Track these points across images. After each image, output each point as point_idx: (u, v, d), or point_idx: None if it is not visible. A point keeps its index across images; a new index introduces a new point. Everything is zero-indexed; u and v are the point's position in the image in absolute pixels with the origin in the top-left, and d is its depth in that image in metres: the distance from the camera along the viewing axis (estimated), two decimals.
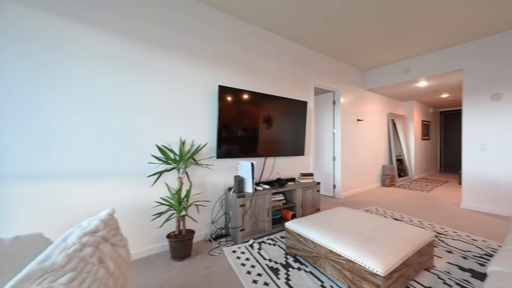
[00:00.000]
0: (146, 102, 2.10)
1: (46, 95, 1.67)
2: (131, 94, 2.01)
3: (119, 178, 1.96)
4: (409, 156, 6.01)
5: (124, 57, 1.97)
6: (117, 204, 1.95)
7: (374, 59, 4.09)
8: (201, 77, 2.43)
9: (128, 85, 2.00)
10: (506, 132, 3.15)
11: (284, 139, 3.05)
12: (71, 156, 1.76)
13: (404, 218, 3.08)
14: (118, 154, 1.95)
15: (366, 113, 4.85)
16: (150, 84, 2.12)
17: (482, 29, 3.02)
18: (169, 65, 2.22)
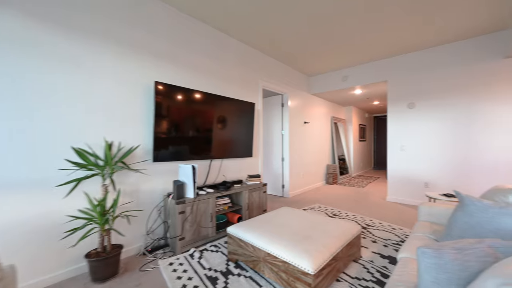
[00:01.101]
0: (64, 97, 1.74)
1: None
2: (38, 86, 1.64)
3: (17, 189, 1.57)
4: (349, 155, 6.69)
5: (24, 39, 1.59)
6: (14, 222, 1.56)
7: (318, 66, 4.39)
8: (136, 72, 2.16)
9: (29, 75, 1.62)
10: (419, 135, 3.76)
11: (231, 140, 2.98)
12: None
13: (342, 213, 3.37)
14: (15, 158, 1.56)
15: (312, 116, 5.18)
16: (69, 75, 1.77)
17: (403, 47, 3.54)
18: (96, 56, 1.90)
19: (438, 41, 3.35)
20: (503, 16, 2.71)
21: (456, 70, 3.41)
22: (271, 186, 4.57)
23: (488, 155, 3.21)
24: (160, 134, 2.23)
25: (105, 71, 1.97)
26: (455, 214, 1.60)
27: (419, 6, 2.51)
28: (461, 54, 3.35)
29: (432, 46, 3.52)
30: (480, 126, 3.26)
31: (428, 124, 3.66)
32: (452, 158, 3.48)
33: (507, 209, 1.37)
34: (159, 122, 2.22)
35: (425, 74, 3.66)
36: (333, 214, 3.30)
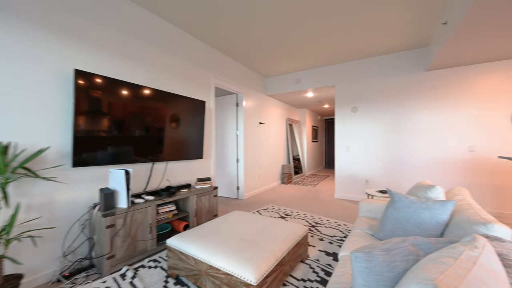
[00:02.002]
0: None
1: None
2: None
3: None
4: (303, 156, 7.00)
5: None
6: None
7: (273, 68, 4.43)
8: (52, 58, 1.75)
9: None
10: (361, 137, 4.11)
11: (178, 141, 2.72)
12: None
13: (293, 212, 3.43)
14: None
15: (268, 117, 5.22)
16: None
17: (348, 55, 3.81)
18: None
19: (375, 52, 3.71)
20: (423, 36, 3.14)
21: (389, 79, 3.83)
22: (225, 189, 4.41)
23: (415, 155, 3.69)
24: (82, 133, 1.86)
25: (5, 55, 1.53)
26: (387, 210, 1.72)
27: (359, 22, 2.71)
28: (393, 65, 3.78)
29: (370, 56, 3.88)
30: (408, 130, 3.73)
31: (369, 127, 4.04)
32: (387, 158, 3.90)
33: (426, 204, 1.51)
34: (81, 119, 1.84)
35: (366, 81, 4.03)
36: (285, 214, 3.34)
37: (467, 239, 0.81)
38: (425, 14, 2.65)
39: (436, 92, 3.52)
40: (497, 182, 3.20)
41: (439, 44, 2.78)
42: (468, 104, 3.34)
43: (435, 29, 2.98)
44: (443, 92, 3.48)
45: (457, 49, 2.77)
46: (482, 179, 3.28)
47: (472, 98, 3.31)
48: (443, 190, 1.65)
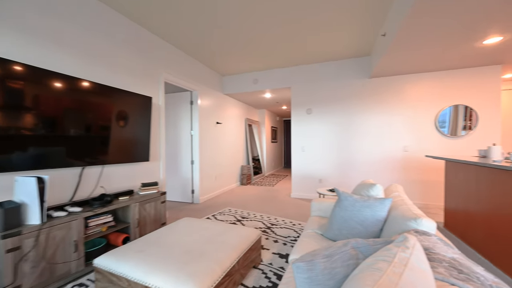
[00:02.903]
0: None
1: None
2: None
3: None
4: (262, 156, 7.05)
5: None
6: None
7: (231, 67, 4.30)
8: None
9: None
10: (315, 138, 4.30)
11: (119, 141, 2.37)
12: None
13: (250, 214, 3.36)
14: None
15: (226, 117, 5.07)
16: None
17: (303, 58, 3.93)
18: None
19: (327, 58, 3.92)
20: (366, 46, 3.43)
21: (340, 84, 4.09)
22: (179, 193, 4.10)
23: (363, 154, 4.02)
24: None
25: None
26: (334, 210, 1.77)
27: (312, 30, 2.79)
28: (343, 70, 4.06)
29: (323, 61, 4.09)
30: (356, 131, 4.04)
31: (322, 128, 4.25)
32: (339, 157, 4.16)
33: (368, 202, 1.59)
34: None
35: (319, 84, 4.23)
36: (242, 217, 3.24)
37: (400, 239, 0.82)
38: (369, 26, 2.88)
39: (378, 98, 3.89)
40: (425, 178, 3.69)
41: (379, 54, 3.06)
42: (402, 109, 3.78)
43: (376, 40, 3.28)
44: (383, 98, 3.86)
45: (393, 60, 3.09)
46: (413, 175, 3.75)
47: (406, 104, 3.76)
48: (382, 188, 1.76)
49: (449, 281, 0.81)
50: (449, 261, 0.97)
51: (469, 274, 0.90)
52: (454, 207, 2.64)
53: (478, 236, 2.20)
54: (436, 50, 2.78)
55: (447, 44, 2.62)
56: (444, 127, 3.58)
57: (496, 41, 2.55)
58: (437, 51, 2.83)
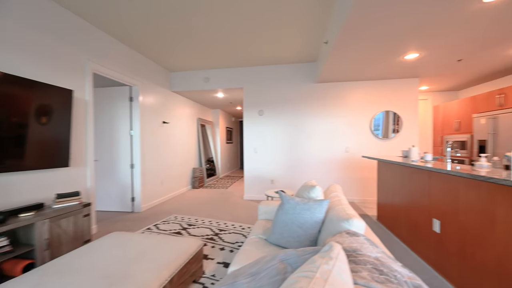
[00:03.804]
0: None
1: None
2: None
3: None
4: (216, 157, 6.83)
5: None
6: None
7: (179, 62, 3.99)
8: None
9: None
10: (267, 139, 4.33)
11: (20, 144, 1.88)
12: None
13: (198, 221, 3.14)
14: None
15: (175, 116, 4.70)
16: None
17: (255, 59, 3.89)
18: None
19: (278, 61, 3.99)
20: (313, 52, 3.61)
21: (290, 87, 4.22)
22: (115, 201, 3.58)
23: (311, 155, 4.21)
24: None
25: None
26: (277, 213, 1.74)
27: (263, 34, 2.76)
28: (293, 74, 4.19)
29: (274, 64, 4.15)
30: (305, 133, 4.21)
31: (274, 129, 4.30)
32: (290, 158, 4.27)
33: (308, 204, 1.60)
34: None
35: (271, 86, 4.27)
36: (188, 225, 3.00)
37: (326, 248, 0.79)
38: (314, 34, 3.00)
39: (323, 102, 4.14)
40: (363, 176, 4.08)
41: (323, 61, 3.24)
42: (345, 114, 4.10)
43: (321, 48, 3.47)
44: (328, 102, 4.13)
45: (334, 67, 3.31)
46: (354, 174, 4.11)
47: (347, 109, 4.09)
48: (321, 190, 1.81)
49: (370, 286, 0.81)
50: (373, 262, 0.99)
51: (388, 274, 0.92)
52: (384, 201, 2.95)
53: (401, 226, 2.49)
54: (368, 61, 3.08)
55: (377, 56, 2.92)
56: (378, 130, 4.03)
57: (414, 57, 2.95)
58: (369, 62, 3.14)
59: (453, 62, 3.18)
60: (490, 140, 3.47)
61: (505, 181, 1.18)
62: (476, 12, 1.96)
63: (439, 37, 2.41)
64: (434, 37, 2.42)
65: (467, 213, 1.57)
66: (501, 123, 3.30)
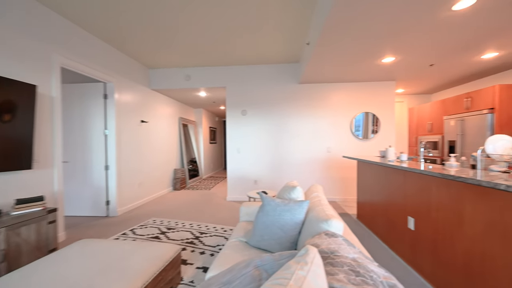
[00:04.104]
0: None
1: None
2: None
3: None
4: (199, 158, 6.68)
5: None
6: None
7: (159, 59, 3.83)
8: None
9: None
10: (250, 139, 4.29)
11: None
12: None
13: (178, 224, 3.03)
14: None
15: (155, 115, 4.51)
16: None
17: (239, 59, 3.84)
18: None
19: (261, 61, 3.97)
20: (296, 53, 3.63)
21: (273, 87, 4.21)
22: (89, 205, 3.36)
23: (294, 155, 4.23)
24: None
25: None
26: (258, 215, 1.70)
27: (244, 35, 2.72)
28: (276, 74, 4.19)
29: (258, 63, 4.12)
30: (289, 133, 4.23)
31: (257, 129, 4.27)
32: (273, 158, 4.26)
33: (288, 205, 1.59)
34: None
35: (254, 86, 4.24)
36: (168, 229, 2.88)
37: (302, 252, 0.77)
38: (296, 35, 3.01)
39: (306, 102, 4.19)
40: (344, 176, 4.18)
41: (306, 62, 3.27)
42: (327, 114, 4.18)
43: (303, 48, 3.50)
44: (311, 103, 4.18)
45: (316, 68, 3.35)
46: (335, 174, 4.19)
47: (329, 110, 4.17)
48: (302, 190, 1.80)
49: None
50: (350, 263, 0.98)
51: (364, 275, 0.92)
52: (363, 200, 3.03)
53: (379, 224, 2.57)
54: (348, 63, 3.16)
55: (356, 58, 3.00)
56: (359, 131, 4.15)
57: (390, 61, 3.07)
58: (349, 64, 3.21)
59: (425, 67, 3.35)
60: (459, 141, 3.71)
61: (472, 180, 1.24)
62: (446, 19, 2.07)
63: (412, 42, 2.52)
64: (408, 42, 2.52)
65: (439, 210, 1.64)
66: (468, 124, 3.53)
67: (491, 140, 1.66)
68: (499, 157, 1.56)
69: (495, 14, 1.98)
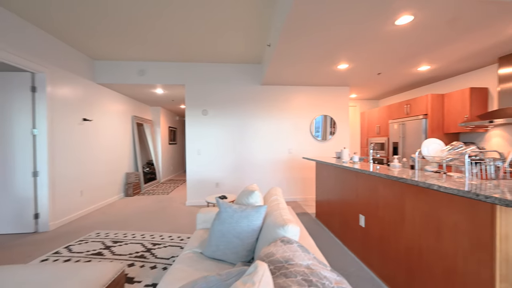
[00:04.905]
0: None
1: None
2: None
3: None
4: (157, 160, 6.19)
5: None
6: None
7: (106, 48, 3.38)
8: None
9: None
10: (211, 140, 4.12)
11: None
12: None
13: (128, 236, 2.70)
14: None
15: (103, 113, 3.99)
16: None
17: (199, 56, 3.63)
18: None
19: (223, 59, 3.84)
20: (257, 53, 3.61)
21: (236, 87, 4.12)
22: (10, 220, 2.76)
23: (257, 156, 4.20)
24: None
25: None
26: (214, 223, 1.59)
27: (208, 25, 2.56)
28: (239, 74, 4.11)
29: (220, 62, 3.99)
30: (251, 134, 4.18)
31: (218, 130, 4.12)
32: (235, 160, 4.17)
33: (245, 211, 1.51)
34: None
35: (215, 85, 4.09)
36: (114, 242, 2.54)
37: (251, 270, 0.70)
38: (258, 35, 2.98)
39: (268, 104, 4.21)
40: (305, 176, 4.32)
41: (267, 64, 3.26)
42: (288, 116, 4.26)
43: (265, 50, 3.49)
44: (272, 104, 4.22)
45: (277, 71, 3.38)
46: (296, 174, 4.30)
47: (290, 112, 4.27)
48: (260, 195, 1.75)
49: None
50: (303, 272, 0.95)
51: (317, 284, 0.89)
52: (321, 199, 3.16)
53: (335, 223, 2.69)
54: (308, 67, 3.26)
55: (314, 63, 3.11)
56: (319, 132, 4.34)
57: (345, 67, 3.27)
58: (308, 69, 3.32)
59: (374, 75, 3.67)
60: (401, 143, 4.17)
61: (411, 181, 1.34)
62: (390, 32, 2.26)
63: (363, 51, 2.71)
64: (359, 51, 2.71)
65: (385, 208, 1.77)
66: (408, 128, 4.00)
67: (426, 143, 1.86)
68: (432, 158, 1.76)
69: (430, 31, 2.24)
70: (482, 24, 2.11)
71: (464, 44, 2.53)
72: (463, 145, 1.60)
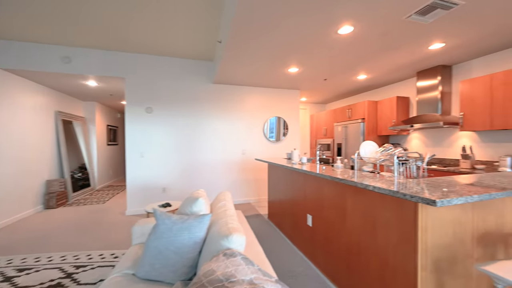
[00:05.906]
0: None
1: None
2: None
3: None
4: (91, 164, 5.32)
5: None
6: None
7: (11, 24, 2.68)
8: None
9: None
10: (157, 141, 3.72)
11: None
12: None
13: (41, 260, 2.17)
14: None
15: (9, 107, 3.17)
16: None
17: (141, 45, 3.21)
18: None
19: (170, 53, 3.52)
20: (209, 50, 3.43)
21: (185, 84, 3.83)
22: None
23: (209, 157, 3.98)
24: None
25: None
26: (149, 238, 1.36)
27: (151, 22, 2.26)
28: (188, 71, 3.84)
29: (166, 55, 3.64)
30: (203, 135, 3.95)
31: (164, 130, 3.76)
32: (185, 162, 3.86)
33: (186, 222, 1.34)
34: None
35: (161, 81, 3.71)
36: (20, 270, 2.00)
37: None
38: (209, 29, 2.80)
39: (221, 103, 4.06)
40: (258, 177, 4.31)
41: (219, 61, 3.12)
42: (241, 116, 4.19)
43: (216, 46, 3.34)
44: (226, 104, 4.08)
45: (229, 69, 3.27)
46: (250, 175, 4.26)
47: (244, 112, 4.20)
48: (206, 202, 1.60)
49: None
50: None
51: None
52: (273, 200, 3.18)
53: (286, 223, 2.73)
54: (259, 68, 3.25)
55: (265, 65, 3.12)
56: (273, 133, 4.39)
57: (295, 71, 3.38)
58: (260, 70, 3.32)
59: (321, 80, 3.91)
60: (344, 144, 4.57)
61: (351, 182, 1.40)
62: (334, 41, 2.41)
63: (311, 57, 2.83)
64: (308, 56, 2.82)
65: (329, 207, 1.84)
66: (350, 130, 4.41)
67: (363, 145, 2.02)
68: (368, 159, 1.91)
69: (366, 42, 2.47)
70: (406, 41, 2.43)
71: (391, 58, 2.90)
72: (392, 147, 1.79)
